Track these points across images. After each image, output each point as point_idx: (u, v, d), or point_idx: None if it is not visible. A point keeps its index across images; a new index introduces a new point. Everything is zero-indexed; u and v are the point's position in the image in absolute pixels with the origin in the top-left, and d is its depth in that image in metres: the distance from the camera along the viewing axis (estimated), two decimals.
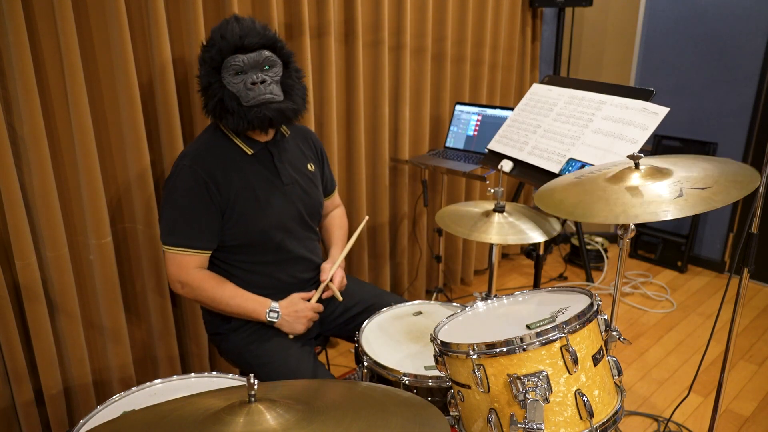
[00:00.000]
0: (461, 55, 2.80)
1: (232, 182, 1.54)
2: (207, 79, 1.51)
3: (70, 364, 1.82)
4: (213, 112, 1.53)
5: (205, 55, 1.51)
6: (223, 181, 1.53)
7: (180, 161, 1.53)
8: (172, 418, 0.92)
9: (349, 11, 2.28)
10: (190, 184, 1.50)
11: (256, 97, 1.48)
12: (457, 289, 3.22)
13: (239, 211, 1.55)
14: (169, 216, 1.53)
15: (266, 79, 1.49)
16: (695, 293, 3.16)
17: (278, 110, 1.51)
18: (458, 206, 1.91)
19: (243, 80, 1.48)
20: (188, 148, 1.59)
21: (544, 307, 1.27)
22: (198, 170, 1.50)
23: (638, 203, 1.23)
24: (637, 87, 1.86)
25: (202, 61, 1.51)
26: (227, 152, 1.57)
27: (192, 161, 1.52)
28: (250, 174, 1.58)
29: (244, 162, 1.58)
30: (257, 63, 1.48)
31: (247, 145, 1.59)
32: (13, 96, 1.55)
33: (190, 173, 1.50)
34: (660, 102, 1.71)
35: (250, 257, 1.62)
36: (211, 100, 1.52)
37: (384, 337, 1.62)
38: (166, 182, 1.55)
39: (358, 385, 1.10)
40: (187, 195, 1.51)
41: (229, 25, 1.48)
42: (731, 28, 3.10)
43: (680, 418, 2.18)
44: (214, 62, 1.49)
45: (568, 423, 1.08)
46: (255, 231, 1.58)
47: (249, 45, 1.47)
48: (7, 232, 1.60)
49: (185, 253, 1.53)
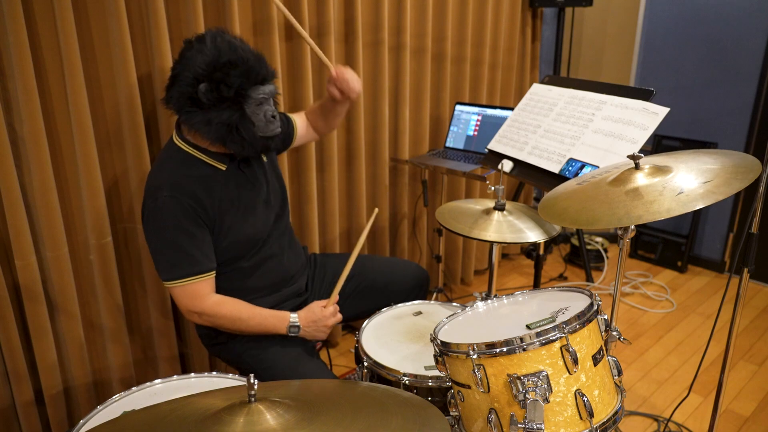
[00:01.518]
0: (461, 55, 2.80)
1: (214, 200, 1.51)
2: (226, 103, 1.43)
3: (70, 364, 1.82)
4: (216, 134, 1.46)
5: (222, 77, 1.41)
6: (206, 200, 1.49)
7: (157, 194, 1.45)
8: (172, 418, 0.92)
9: (349, 11, 2.28)
10: (177, 215, 1.45)
11: (273, 129, 1.52)
12: (457, 289, 3.22)
13: (228, 225, 1.54)
14: (165, 253, 1.48)
15: (275, 112, 1.52)
16: (695, 293, 3.16)
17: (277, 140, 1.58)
18: (459, 203, 1.91)
19: (264, 112, 1.49)
20: (157, 179, 1.49)
21: (544, 307, 1.28)
22: (181, 199, 1.45)
23: (640, 204, 1.23)
24: (637, 87, 1.86)
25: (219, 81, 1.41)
26: (200, 171, 1.52)
27: (171, 191, 1.45)
28: (229, 187, 1.55)
29: (220, 178, 1.54)
30: (272, 95, 1.51)
31: (218, 161, 1.54)
32: (13, 96, 1.55)
33: (174, 204, 1.45)
34: (660, 102, 1.71)
35: (241, 263, 1.61)
36: (222, 123, 1.44)
37: (384, 337, 1.62)
38: (147, 219, 1.47)
39: (358, 385, 1.10)
40: (178, 227, 1.46)
41: (243, 51, 1.43)
42: (731, 28, 3.10)
43: (680, 418, 2.18)
44: (233, 89, 1.42)
45: (568, 423, 1.09)
46: (244, 239, 1.58)
47: (267, 76, 1.49)
48: (7, 232, 1.60)
49: (194, 282, 1.49)
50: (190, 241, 1.48)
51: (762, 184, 1.40)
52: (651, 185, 1.27)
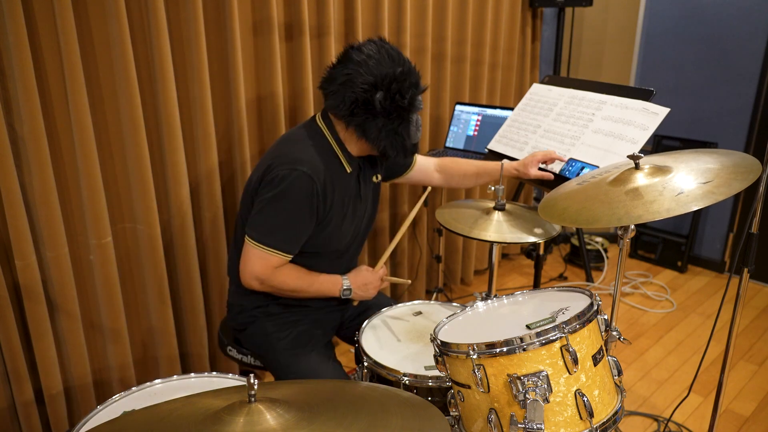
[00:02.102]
0: (461, 55, 2.80)
1: (335, 198, 1.56)
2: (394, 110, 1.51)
3: (70, 364, 1.82)
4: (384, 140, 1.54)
5: (397, 84, 1.49)
6: (329, 195, 1.54)
7: (296, 164, 1.48)
8: (172, 418, 0.92)
9: (349, 11, 2.27)
10: (304, 193, 1.48)
11: (417, 138, 1.61)
12: (457, 289, 3.22)
13: (331, 225, 1.58)
14: (272, 218, 1.51)
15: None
16: (695, 293, 3.16)
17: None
18: (459, 203, 1.91)
19: (416, 120, 1.58)
20: (301, 152, 1.53)
21: (544, 307, 1.27)
22: (315, 181, 1.49)
23: (640, 204, 1.23)
24: (637, 87, 1.86)
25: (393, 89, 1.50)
26: (336, 166, 1.57)
27: (311, 170, 1.48)
28: (346, 191, 1.60)
29: (344, 179, 1.59)
30: (421, 104, 1.59)
31: (348, 162, 1.59)
32: (13, 96, 1.55)
33: (307, 182, 1.48)
34: (660, 102, 1.71)
35: (313, 263, 1.62)
36: (388, 127, 1.52)
37: (384, 337, 1.62)
38: (274, 181, 1.48)
39: (358, 385, 1.10)
40: (297, 203, 1.49)
41: (401, 58, 1.52)
42: (731, 28, 3.10)
43: (680, 418, 2.18)
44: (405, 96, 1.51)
45: (568, 423, 1.08)
46: (334, 242, 1.62)
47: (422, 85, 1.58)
48: (7, 232, 1.60)
49: (275, 254, 1.52)
50: (298, 222, 1.52)
51: (762, 184, 1.40)
52: (651, 185, 1.27)
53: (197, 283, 2.04)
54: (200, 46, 1.84)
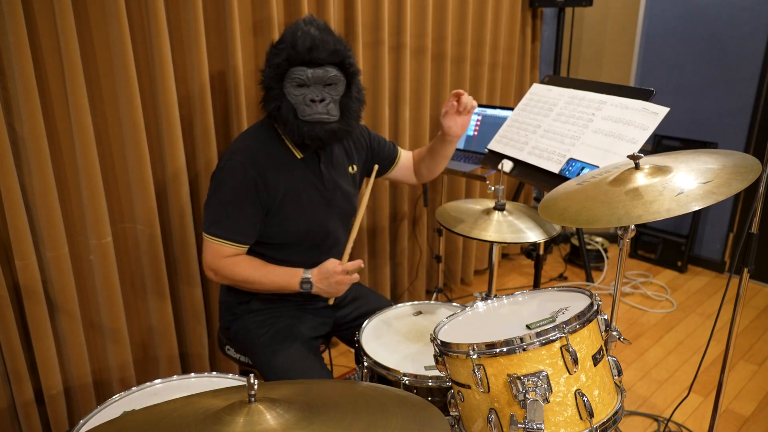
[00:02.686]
0: (461, 55, 2.80)
1: (280, 184, 1.55)
2: (269, 82, 1.50)
3: (70, 364, 1.82)
4: (269, 114, 1.54)
5: (272, 57, 1.49)
6: (272, 182, 1.53)
7: (232, 156, 1.52)
8: (172, 418, 0.92)
9: (349, 11, 2.28)
10: (239, 181, 1.50)
11: (312, 114, 1.48)
12: (457, 289, 3.22)
13: (283, 213, 1.57)
14: (215, 208, 1.54)
15: (326, 97, 1.49)
16: (695, 293, 3.16)
17: (330, 131, 1.51)
18: (459, 203, 1.91)
19: (303, 94, 1.48)
20: (240, 142, 1.58)
21: (544, 307, 1.27)
22: (249, 169, 1.50)
23: (640, 204, 1.23)
24: (637, 87, 1.86)
25: (269, 62, 1.50)
26: (278, 153, 1.57)
27: (244, 159, 1.51)
28: (298, 177, 1.58)
29: (292, 165, 1.58)
30: (320, 80, 1.47)
31: (298, 150, 1.59)
32: (13, 96, 1.55)
33: (240, 170, 1.50)
34: (660, 102, 1.71)
35: (287, 255, 1.62)
36: (270, 103, 1.52)
37: (384, 337, 1.62)
38: (215, 173, 1.55)
39: (358, 385, 1.10)
40: (234, 191, 1.51)
41: (301, 32, 1.46)
42: (731, 28, 3.10)
43: (680, 418, 2.18)
44: (279, 69, 1.47)
45: (568, 423, 1.08)
46: (296, 233, 1.60)
47: (317, 59, 1.45)
48: (7, 232, 1.60)
49: (224, 244, 1.53)
50: (239, 210, 1.52)
51: (762, 184, 1.40)
52: (651, 185, 1.27)
53: (197, 283, 2.04)
54: (200, 46, 1.84)
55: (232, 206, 1.52)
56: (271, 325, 1.64)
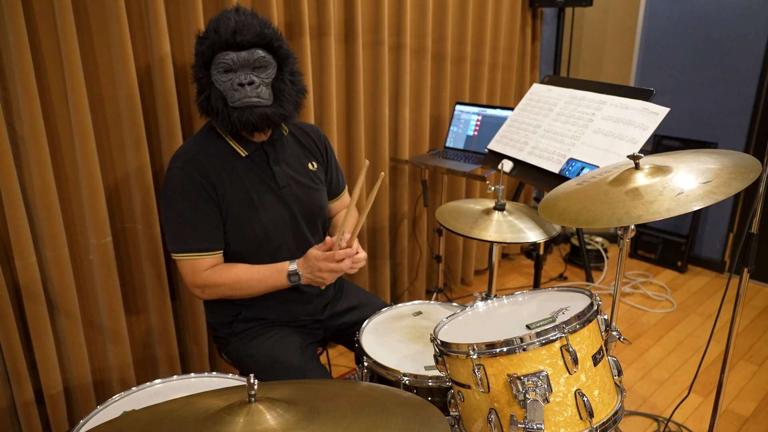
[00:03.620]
0: (461, 55, 2.80)
1: (225, 184, 1.50)
2: (197, 73, 1.46)
3: (70, 364, 1.82)
4: (201, 107, 1.49)
5: (197, 47, 1.45)
6: (217, 181, 1.49)
7: (171, 165, 1.49)
8: (172, 418, 0.92)
9: (349, 11, 2.28)
10: (185, 186, 1.46)
11: (241, 98, 1.42)
12: (457, 289, 3.22)
13: (235, 215, 1.51)
14: (172, 223, 1.49)
15: (255, 80, 1.42)
16: (695, 293, 3.16)
17: (263, 115, 1.45)
18: (459, 203, 1.91)
19: (231, 79, 1.42)
20: (179, 149, 1.54)
21: (544, 307, 1.27)
22: (191, 171, 1.46)
23: (640, 204, 1.23)
24: (637, 87, 1.86)
25: (196, 53, 1.46)
26: (220, 153, 1.52)
27: (183, 163, 1.47)
28: (244, 176, 1.53)
29: (237, 164, 1.53)
30: (248, 62, 1.41)
31: (240, 147, 1.53)
32: (13, 96, 1.55)
33: (183, 176, 1.46)
34: (660, 102, 1.71)
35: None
36: (200, 95, 1.47)
37: (384, 337, 1.62)
38: (162, 189, 1.50)
39: (358, 385, 1.10)
40: (184, 198, 1.46)
41: (225, 18, 1.42)
42: (731, 28, 3.10)
43: (680, 418, 2.18)
44: (204, 57, 1.43)
45: (568, 423, 1.08)
46: (251, 236, 1.54)
47: (242, 42, 1.40)
48: (7, 232, 1.60)
49: (197, 258, 1.49)
50: (196, 215, 1.47)
51: (762, 184, 1.40)
52: (651, 185, 1.27)
53: None
54: None
55: (188, 214, 1.47)
56: (259, 344, 1.60)
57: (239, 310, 1.63)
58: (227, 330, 1.64)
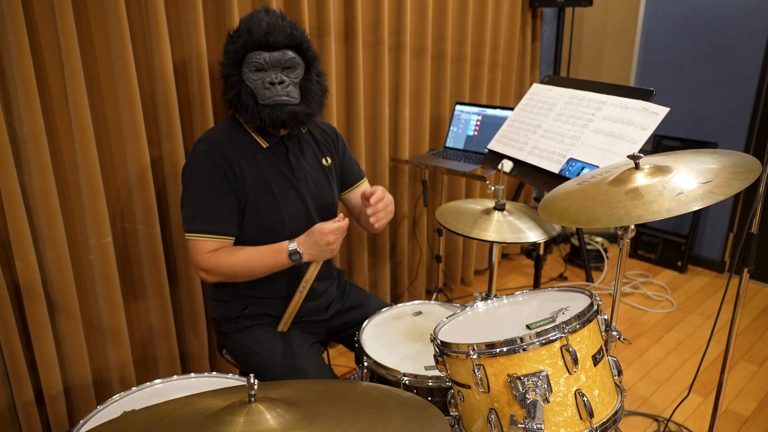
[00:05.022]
0: (461, 55, 2.80)
1: (246, 172, 1.54)
2: (228, 71, 1.52)
3: (70, 364, 1.82)
4: (230, 103, 1.55)
5: (229, 45, 1.51)
6: (238, 168, 1.53)
7: (195, 146, 1.53)
8: (172, 418, 0.92)
9: (349, 11, 2.28)
10: (206, 169, 1.50)
11: (272, 97, 1.49)
12: (457, 289, 3.22)
13: (253, 202, 1.55)
14: (189, 203, 1.52)
15: (285, 80, 1.49)
16: (695, 293, 3.16)
17: (292, 113, 1.51)
18: (459, 203, 1.91)
19: (262, 78, 1.49)
20: (204, 134, 1.59)
21: (544, 307, 1.27)
22: (213, 154, 1.51)
23: (640, 204, 1.23)
24: (637, 87, 1.86)
25: (226, 51, 1.52)
26: (243, 142, 1.57)
27: (207, 146, 1.52)
28: (265, 166, 1.58)
29: (258, 154, 1.58)
30: (279, 62, 1.48)
31: (262, 139, 1.59)
32: (13, 96, 1.55)
33: (205, 158, 1.50)
34: (660, 102, 1.71)
35: None
36: (229, 91, 1.53)
37: (384, 337, 1.62)
38: (183, 170, 1.55)
39: (358, 385, 1.10)
40: (204, 180, 1.51)
41: (257, 19, 1.48)
42: (731, 28, 3.10)
43: (680, 418, 2.18)
44: (236, 55, 1.49)
45: (568, 423, 1.08)
46: (268, 225, 1.58)
47: (273, 43, 1.47)
48: (7, 232, 1.60)
49: (206, 239, 1.51)
50: (212, 198, 1.51)
51: (762, 184, 1.40)
52: (651, 185, 1.27)
53: (197, 283, 2.04)
54: (200, 46, 1.84)
55: (205, 197, 1.51)
56: (264, 341, 1.61)
57: (246, 306, 1.64)
58: (232, 325, 1.65)
